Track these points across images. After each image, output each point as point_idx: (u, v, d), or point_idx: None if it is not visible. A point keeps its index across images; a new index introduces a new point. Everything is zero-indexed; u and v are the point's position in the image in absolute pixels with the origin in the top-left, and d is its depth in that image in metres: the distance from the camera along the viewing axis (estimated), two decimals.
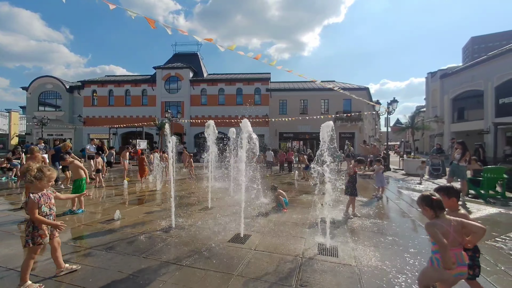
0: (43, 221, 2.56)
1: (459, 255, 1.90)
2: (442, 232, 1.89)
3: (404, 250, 3.48)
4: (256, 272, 2.84)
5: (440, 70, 29.57)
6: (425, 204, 2.02)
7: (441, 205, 1.99)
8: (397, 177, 12.04)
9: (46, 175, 2.62)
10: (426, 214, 2.03)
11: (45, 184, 2.66)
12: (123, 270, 2.88)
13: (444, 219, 1.96)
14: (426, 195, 2.05)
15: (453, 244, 1.90)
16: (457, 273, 1.89)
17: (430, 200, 2.00)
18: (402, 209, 5.89)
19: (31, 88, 29.69)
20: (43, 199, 2.61)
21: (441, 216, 1.98)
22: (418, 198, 2.12)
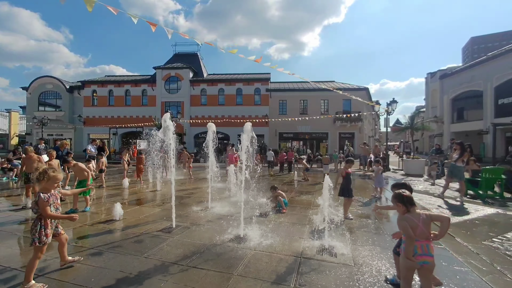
0: (57, 216, 2.74)
1: (425, 247, 2.11)
2: (411, 225, 2.10)
3: None
4: (255, 272, 2.89)
5: (440, 71, 29.63)
6: (397, 200, 2.22)
7: (411, 201, 2.20)
8: (397, 177, 12.08)
9: (50, 177, 2.67)
10: (399, 210, 2.23)
11: (51, 185, 2.72)
12: (124, 270, 2.92)
13: (414, 214, 2.16)
14: (398, 192, 2.26)
15: (421, 236, 2.10)
16: (422, 261, 2.09)
17: (401, 196, 2.22)
18: None
19: (31, 88, 29.71)
20: (51, 199, 2.69)
21: (412, 211, 2.17)
22: (392, 196, 2.33)
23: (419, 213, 2.17)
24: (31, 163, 5.95)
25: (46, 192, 2.67)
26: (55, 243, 2.73)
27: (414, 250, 2.12)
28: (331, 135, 27.12)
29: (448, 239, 3.93)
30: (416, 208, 2.21)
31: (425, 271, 2.16)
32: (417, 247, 2.11)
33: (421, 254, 2.09)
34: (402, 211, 2.21)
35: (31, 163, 5.95)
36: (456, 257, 3.29)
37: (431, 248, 2.13)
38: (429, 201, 6.81)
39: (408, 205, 2.18)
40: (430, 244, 2.14)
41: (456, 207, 6.20)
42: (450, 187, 8.57)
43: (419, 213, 2.17)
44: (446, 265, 3.07)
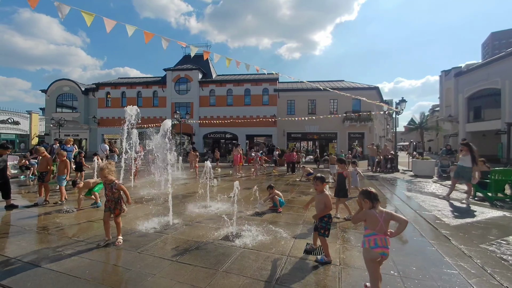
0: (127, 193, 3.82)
1: (383, 240, 2.33)
2: (372, 219, 2.38)
3: (393, 252, 3.49)
4: (240, 268, 2.97)
5: (454, 69, 28.56)
6: (365, 197, 2.46)
7: (376, 198, 2.45)
8: (405, 178, 11.80)
9: (112, 170, 3.74)
10: (365, 206, 2.45)
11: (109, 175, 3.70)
12: (117, 264, 3.09)
13: (377, 210, 2.41)
14: (365, 190, 2.52)
15: (380, 230, 2.34)
16: (381, 252, 2.33)
17: (369, 193, 2.45)
18: (400, 211, 5.83)
19: (49, 90, 31.19)
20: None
21: (376, 207, 2.42)
22: (359, 193, 2.55)
23: (381, 210, 2.41)
24: (44, 162, 6.32)
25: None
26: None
27: (375, 243, 2.33)
28: (340, 135, 26.74)
29: (442, 242, 3.86)
30: (379, 205, 2.45)
31: (380, 262, 2.40)
32: (377, 240, 2.33)
33: (380, 246, 2.31)
34: (368, 207, 2.44)
35: (44, 162, 6.31)
36: (447, 259, 3.24)
37: (388, 241, 2.36)
38: (433, 203, 6.65)
39: (374, 201, 2.43)
40: (388, 238, 2.35)
41: (461, 210, 6.02)
42: (459, 189, 8.33)
43: (382, 210, 2.41)
44: (434, 268, 3.04)
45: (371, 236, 2.37)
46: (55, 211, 5.46)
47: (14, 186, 8.86)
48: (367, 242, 2.38)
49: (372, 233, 2.37)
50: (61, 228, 4.38)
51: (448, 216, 5.36)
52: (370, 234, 2.38)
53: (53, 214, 5.26)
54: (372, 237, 2.36)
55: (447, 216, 5.35)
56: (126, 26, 4.52)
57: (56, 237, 3.96)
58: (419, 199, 7.03)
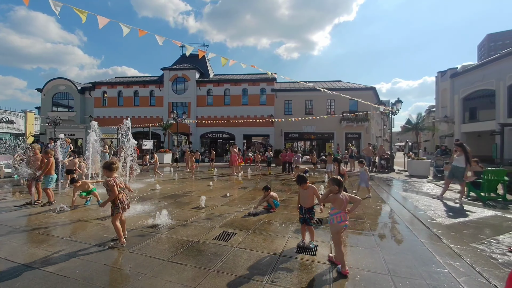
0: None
1: (345, 215, 2.99)
2: (340, 201, 3.00)
3: (384, 251, 3.52)
4: (232, 268, 2.97)
5: (450, 69, 28.78)
6: (334, 183, 3.04)
7: (342, 184, 3.07)
8: (401, 178, 11.87)
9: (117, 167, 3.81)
10: (334, 190, 3.03)
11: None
12: (108, 263, 3.07)
13: (342, 194, 3.05)
14: (335, 178, 3.11)
15: (344, 208, 3.00)
16: (344, 224, 2.99)
17: (338, 180, 3.05)
18: (394, 211, 5.87)
19: (45, 89, 30.92)
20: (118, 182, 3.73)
21: (340, 191, 3.04)
22: (329, 179, 3.17)
23: (344, 194, 3.07)
24: (36, 161, 6.25)
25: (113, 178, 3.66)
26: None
27: (341, 218, 2.95)
28: (337, 135, 26.85)
29: (433, 241, 3.89)
30: (342, 190, 3.08)
31: (342, 232, 3.08)
32: (342, 216, 2.96)
33: (343, 221, 2.96)
34: (335, 191, 3.03)
35: (35, 161, 6.25)
36: (437, 258, 3.27)
37: (347, 216, 3.03)
38: (427, 202, 6.70)
39: (340, 187, 3.04)
40: (347, 214, 3.03)
41: (453, 209, 6.08)
42: (453, 189, 8.40)
43: (344, 194, 3.08)
44: (424, 267, 3.06)
45: (338, 214, 2.97)
46: (48, 211, 5.41)
47: (8, 185, 8.78)
48: (335, 218, 2.97)
49: (338, 211, 2.98)
50: (52, 228, 4.34)
51: (441, 216, 5.41)
52: (337, 213, 2.98)
53: (45, 213, 5.22)
54: (338, 214, 2.96)
55: (440, 216, 5.40)
56: (121, 25, 4.49)
57: (46, 237, 3.93)
58: (414, 199, 7.08)
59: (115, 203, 3.64)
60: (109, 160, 3.79)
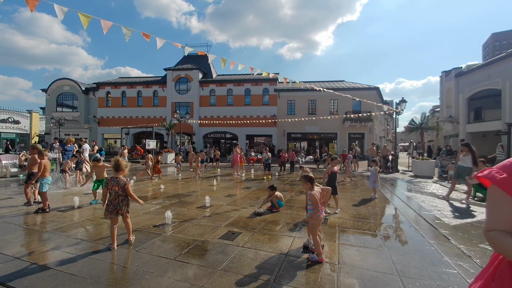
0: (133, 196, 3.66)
1: (323, 208, 3.30)
2: (317, 197, 3.14)
3: (392, 251, 3.48)
4: (238, 267, 2.96)
5: (455, 69, 28.48)
6: (307, 180, 3.25)
7: (313, 180, 3.30)
8: (405, 178, 11.78)
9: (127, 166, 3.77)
10: (306, 187, 3.26)
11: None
12: (115, 262, 3.08)
13: (317, 189, 3.28)
14: (307, 175, 3.31)
15: (321, 202, 3.25)
16: (323, 216, 3.28)
17: (310, 178, 3.26)
18: (400, 211, 5.82)
19: (50, 90, 31.22)
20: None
21: (314, 187, 3.24)
22: (301, 177, 3.35)
23: (317, 189, 3.30)
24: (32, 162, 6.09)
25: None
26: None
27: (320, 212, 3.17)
28: (340, 136, 26.74)
29: (441, 241, 3.84)
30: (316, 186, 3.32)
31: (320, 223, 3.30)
32: (321, 209, 3.20)
33: (321, 213, 3.21)
34: (308, 188, 3.23)
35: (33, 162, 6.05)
36: (446, 259, 3.23)
37: (323, 208, 3.37)
38: (433, 202, 6.63)
39: (313, 183, 3.26)
40: (323, 206, 3.35)
41: (460, 210, 6.00)
42: (459, 189, 8.30)
43: (317, 189, 3.30)
44: (433, 267, 3.02)
45: (313, 209, 3.14)
46: (53, 209, 5.44)
47: (15, 185, 8.86)
48: (310, 213, 3.20)
49: (313, 207, 3.14)
50: (58, 226, 4.37)
51: (448, 216, 5.34)
52: (313, 208, 3.14)
53: (52, 212, 5.24)
54: (314, 209, 3.14)
55: (446, 216, 5.33)
56: (122, 29, 4.50)
57: (52, 235, 3.95)
58: (419, 199, 7.01)
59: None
60: (116, 159, 3.69)
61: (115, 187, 3.47)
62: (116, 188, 3.47)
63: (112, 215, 3.45)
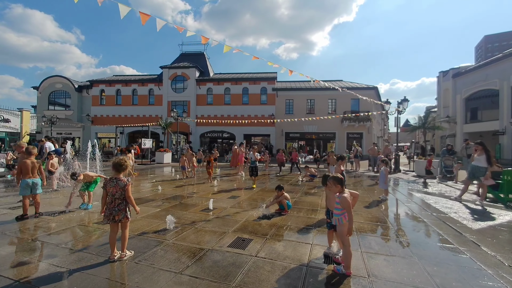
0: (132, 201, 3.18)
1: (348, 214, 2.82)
2: (349, 202, 2.76)
3: (423, 261, 3.13)
4: (256, 282, 2.56)
5: (453, 69, 28.58)
6: (337, 182, 2.83)
7: (344, 182, 2.89)
8: (410, 179, 11.53)
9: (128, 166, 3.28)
10: (335, 189, 2.86)
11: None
12: (111, 277, 2.65)
13: (347, 192, 2.84)
14: (336, 176, 2.87)
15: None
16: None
17: (340, 180, 2.84)
18: (415, 214, 5.49)
19: (41, 87, 30.26)
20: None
21: (344, 190, 2.84)
22: (332, 178, 2.88)
23: (347, 192, 2.86)
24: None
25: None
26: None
27: (346, 217, 2.75)
28: (338, 135, 26.56)
29: (473, 248, 3.51)
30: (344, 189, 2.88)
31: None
32: (347, 215, 2.76)
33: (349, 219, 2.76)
34: (337, 190, 2.85)
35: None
36: (486, 270, 2.89)
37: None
38: (446, 204, 6.33)
39: (343, 186, 2.85)
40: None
41: (477, 212, 5.71)
42: (467, 190, 8.04)
43: (347, 192, 2.86)
44: (475, 280, 2.68)
45: (344, 214, 2.76)
46: (44, 213, 4.95)
47: (1, 185, 8.28)
48: (343, 218, 2.77)
49: (345, 211, 2.75)
50: (46, 234, 3.90)
51: (468, 219, 5.04)
52: (344, 212, 2.76)
53: (41, 217, 4.76)
54: (345, 214, 2.75)
55: (466, 219, 5.02)
56: (119, 6, 4.08)
57: (39, 244, 3.49)
58: (431, 201, 6.71)
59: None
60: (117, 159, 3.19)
61: (113, 189, 3.03)
62: (114, 190, 3.03)
63: (108, 221, 3.03)
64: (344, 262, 2.78)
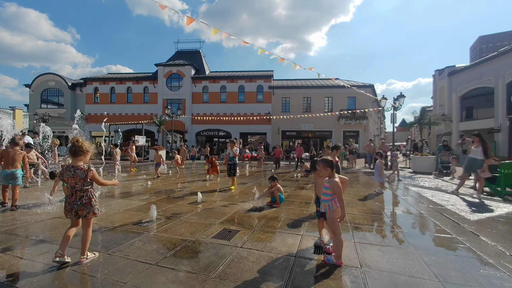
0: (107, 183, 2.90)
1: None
2: (340, 186, 2.56)
3: (420, 251, 2.93)
4: (238, 273, 2.34)
5: (448, 67, 28.65)
6: (327, 165, 2.61)
7: (334, 166, 2.67)
8: (406, 175, 11.39)
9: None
10: (325, 173, 2.64)
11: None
12: (77, 269, 2.40)
13: (337, 176, 2.65)
14: (326, 159, 2.65)
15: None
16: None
17: (330, 162, 2.62)
18: (412, 206, 5.31)
19: (34, 85, 29.69)
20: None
21: (334, 175, 2.63)
22: (321, 161, 2.64)
23: (338, 176, 2.67)
24: None
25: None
26: None
27: (336, 202, 2.57)
28: (335, 134, 26.42)
29: (472, 238, 3.32)
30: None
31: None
32: (337, 200, 2.58)
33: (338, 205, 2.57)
34: (327, 174, 2.63)
35: None
36: (487, 259, 2.69)
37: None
38: (443, 197, 6.17)
39: (333, 169, 2.63)
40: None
41: (474, 204, 5.55)
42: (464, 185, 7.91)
43: (337, 176, 2.66)
44: (476, 268, 2.48)
45: (335, 199, 2.56)
46: (21, 207, 4.67)
47: None
48: (333, 204, 2.57)
49: (335, 196, 2.55)
50: (16, 226, 3.63)
51: (465, 211, 4.86)
52: (334, 198, 2.56)
53: (17, 211, 4.48)
54: (335, 199, 2.56)
55: (464, 211, 4.85)
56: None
57: (7, 236, 3.23)
58: (428, 194, 6.55)
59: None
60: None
61: (71, 179, 2.51)
62: (72, 181, 2.52)
63: (70, 216, 2.56)
64: (335, 251, 2.57)
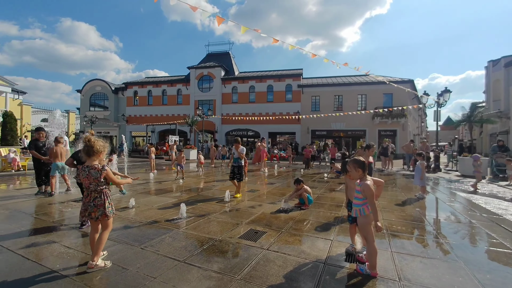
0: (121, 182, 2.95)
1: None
2: (372, 190, 2.35)
3: (472, 266, 2.57)
4: (263, 277, 2.27)
5: (505, 58, 25.18)
6: (357, 166, 2.42)
7: (366, 167, 2.45)
8: (452, 178, 10.27)
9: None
10: (356, 175, 2.45)
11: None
12: (113, 260, 2.55)
13: (370, 179, 2.44)
14: (357, 159, 2.46)
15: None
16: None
17: (362, 163, 2.42)
18: (460, 214, 4.73)
19: (84, 90, 33.14)
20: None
21: (366, 177, 2.43)
22: (352, 162, 2.46)
23: (370, 178, 2.45)
24: None
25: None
26: None
27: (368, 207, 2.37)
28: (369, 133, 24.93)
29: None
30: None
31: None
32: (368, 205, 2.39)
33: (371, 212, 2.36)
34: (358, 176, 2.43)
35: None
36: None
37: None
38: (500, 205, 5.39)
39: (365, 171, 2.42)
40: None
41: None
42: None
43: (369, 178, 2.45)
44: None
45: (366, 204, 2.37)
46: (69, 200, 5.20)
47: None
48: (366, 209, 2.38)
49: (366, 201, 2.37)
50: (60, 213, 4.02)
51: None
52: (366, 202, 2.37)
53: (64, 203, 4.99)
54: (367, 204, 2.37)
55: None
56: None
57: (41, 221, 3.58)
58: (480, 201, 5.79)
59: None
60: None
61: (86, 179, 2.44)
62: (87, 181, 2.45)
63: (84, 218, 2.56)
64: (368, 260, 2.36)
